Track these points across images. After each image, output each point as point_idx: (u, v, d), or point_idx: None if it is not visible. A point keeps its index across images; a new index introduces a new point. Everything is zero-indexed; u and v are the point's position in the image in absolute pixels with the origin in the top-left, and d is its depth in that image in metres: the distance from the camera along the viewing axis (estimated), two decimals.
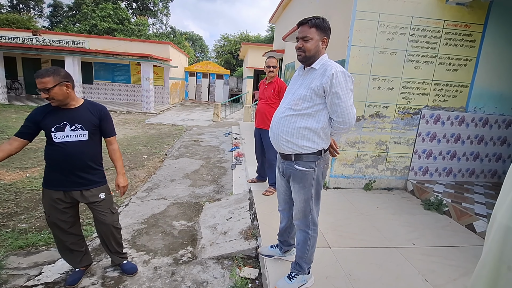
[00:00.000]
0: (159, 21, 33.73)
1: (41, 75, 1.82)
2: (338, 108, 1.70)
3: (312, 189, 1.84)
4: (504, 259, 1.21)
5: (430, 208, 3.52)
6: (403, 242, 2.77)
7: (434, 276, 2.27)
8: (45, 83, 1.82)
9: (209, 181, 4.78)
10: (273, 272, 2.21)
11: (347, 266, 2.33)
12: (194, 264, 2.56)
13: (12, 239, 2.80)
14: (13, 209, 3.45)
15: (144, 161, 5.72)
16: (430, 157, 4.08)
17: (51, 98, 1.88)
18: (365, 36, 3.59)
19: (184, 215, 3.52)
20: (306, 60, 1.79)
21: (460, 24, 3.65)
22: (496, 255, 1.25)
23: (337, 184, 4.06)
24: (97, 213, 2.15)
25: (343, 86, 1.66)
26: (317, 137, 1.77)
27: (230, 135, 8.89)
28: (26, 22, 24.70)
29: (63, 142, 1.94)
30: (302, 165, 1.81)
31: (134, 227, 3.16)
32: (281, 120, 1.83)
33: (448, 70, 3.80)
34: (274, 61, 3.53)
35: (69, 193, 2.02)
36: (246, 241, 2.77)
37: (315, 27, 1.72)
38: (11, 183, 4.18)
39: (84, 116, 2.03)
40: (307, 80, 1.78)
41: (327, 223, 3.02)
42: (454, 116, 3.97)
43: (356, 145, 3.95)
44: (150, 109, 13.07)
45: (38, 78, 1.82)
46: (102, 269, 2.44)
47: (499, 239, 1.24)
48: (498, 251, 1.24)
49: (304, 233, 1.95)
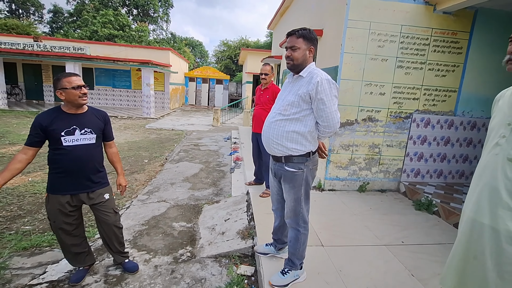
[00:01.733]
0: (159, 27, 34.08)
1: (75, 75, 2.10)
2: (323, 113, 1.84)
3: (301, 189, 1.97)
4: (471, 249, 1.34)
5: (420, 208, 3.65)
6: (393, 241, 2.89)
7: (419, 271, 2.40)
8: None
9: (208, 184, 4.91)
10: (267, 269, 2.33)
11: (338, 263, 2.45)
12: (193, 262, 2.68)
13: (16, 241, 2.91)
14: (16, 212, 3.57)
15: (145, 165, 5.84)
16: (421, 159, 4.22)
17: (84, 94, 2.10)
18: (357, 44, 3.74)
19: (184, 217, 3.64)
20: (295, 68, 1.93)
21: (447, 32, 3.82)
22: (464, 246, 1.38)
23: (332, 186, 4.18)
24: (101, 213, 2.27)
25: (327, 92, 1.80)
26: (305, 140, 1.90)
27: (229, 140, 9.02)
28: (26, 28, 24.92)
29: (72, 146, 2.07)
30: (292, 167, 1.94)
31: (135, 228, 3.28)
32: (271, 124, 1.97)
33: (437, 75, 3.96)
34: (267, 69, 3.68)
35: (77, 196, 2.15)
36: (243, 240, 2.89)
37: (302, 38, 1.87)
38: (13, 187, 4.30)
39: (92, 121, 2.19)
40: (295, 87, 1.92)
41: (320, 223, 3.14)
42: (444, 119, 4.11)
43: (350, 148, 4.08)
44: (150, 114, 13.22)
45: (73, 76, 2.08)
46: (104, 268, 2.55)
47: (466, 231, 1.37)
48: (466, 242, 1.37)
49: (295, 231, 2.07)
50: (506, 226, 1.21)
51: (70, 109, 2.11)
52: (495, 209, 1.25)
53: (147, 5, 30.92)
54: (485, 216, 1.28)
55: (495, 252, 1.24)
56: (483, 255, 1.28)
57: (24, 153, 2.03)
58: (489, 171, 1.30)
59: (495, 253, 1.24)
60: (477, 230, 1.32)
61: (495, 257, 1.24)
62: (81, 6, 28.60)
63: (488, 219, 1.27)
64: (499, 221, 1.24)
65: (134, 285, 2.33)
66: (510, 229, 1.20)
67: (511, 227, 1.20)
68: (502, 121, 1.32)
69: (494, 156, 1.30)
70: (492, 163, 1.30)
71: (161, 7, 32.80)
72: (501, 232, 1.22)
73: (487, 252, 1.26)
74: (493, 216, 1.25)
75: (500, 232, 1.23)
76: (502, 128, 1.31)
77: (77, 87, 2.05)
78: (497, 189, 1.25)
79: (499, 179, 1.25)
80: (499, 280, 1.23)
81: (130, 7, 31.40)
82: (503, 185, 1.23)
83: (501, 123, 1.32)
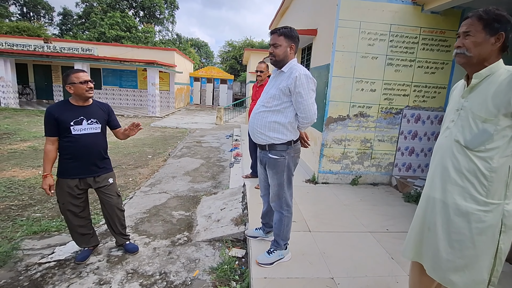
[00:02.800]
0: (165, 29, 34.58)
1: (82, 71, 2.35)
2: (301, 106, 2.02)
3: (284, 175, 2.16)
4: (426, 222, 1.52)
5: (409, 200, 3.80)
6: (378, 228, 3.05)
7: (399, 255, 2.55)
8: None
9: (207, 178, 5.12)
10: (256, 250, 2.52)
11: (323, 246, 2.63)
12: (189, 245, 2.89)
13: (27, 226, 3.16)
14: (27, 201, 3.82)
15: (149, 160, 6.08)
16: (412, 154, 4.36)
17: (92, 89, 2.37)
18: (348, 42, 3.91)
19: (183, 207, 3.86)
20: (277, 64, 2.12)
21: (436, 30, 3.96)
22: (420, 219, 1.55)
23: (325, 179, 4.35)
24: (105, 196, 2.50)
25: (305, 86, 1.98)
26: (286, 129, 2.09)
27: (231, 137, 9.23)
28: (36, 30, 25.53)
29: (80, 134, 2.31)
30: (274, 154, 2.13)
31: (137, 216, 3.51)
32: (256, 115, 2.16)
33: (426, 73, 4.10)
34: (262, 66, 3.88)
35: (84, 180, 2.39)
36: (236, 226, 3.08)
37: (283, 36, 2.05)
38: (24, 179, 4.57)
39: (97, 112, 2.44)
40: (277, 81, 2.11)
41: (310, 211, 3.32)
42: (434, 115, 4.25)
43: (343, 142, 4.25)
44: (155, 113, 13.53)
45: (81, 72, 2.32)
46: (107, 250, 2.77)
47: (422, 205, 1.55)
48: (422, 216, 1.54)
49: (279, 213, 2.26)
50: (454, 199, 1.38)
51: (78, 101, 2.36)
52: (445, 185, 1.42)
53: (153, 7, 31.40)
54: (437, 191, 1.46)
55: (445, 223, 1.41)
56: (435, 226, 1.45)
57: (51, 143, 2.29)
58: (441, 152, 1.48)
59: (445, 223, 1.41)
60: (431, 204, 1.49)
61: (445, 227, 1.41)
62: (89, 9, 29.21)
63: (439, 193, 1.44)
64: (448, 195, 1.41)
65: (133, 264, 2.55)
66: (457, 202, 1.37)
67: (457, 201, 1.37)
68: (453, 108, 1.49)
69: (444, 139, 1.47)
70: (443, 145, 1.47)
71: (167, 9, 33.28)
72: (450, 205, 1.40)
73: (439, 224, 1.44)
74: (443, 191, 1.43)
75: (448, 205, 1.40)
76: (451, 114, 1.48)
77: (84, 81, 2.29)
78: (446, 167, 1.42)
79: (448, 158, 1.42)
80: (449, 249, 1.40)
81: (137, 9, 31.93)
82: (451, 163, 1.40)
83: (452, 109, 1.49)
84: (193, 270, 2.49)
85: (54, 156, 2.32)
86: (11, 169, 4.95)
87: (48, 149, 2.28)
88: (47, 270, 2.43)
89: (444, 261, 1.40)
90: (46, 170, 2.29)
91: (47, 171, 2.29)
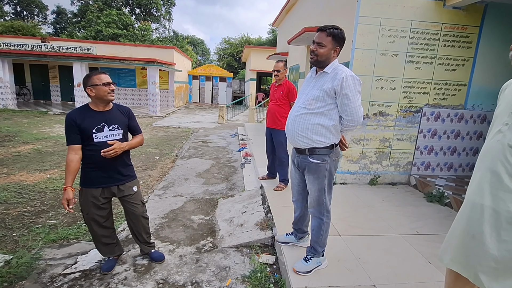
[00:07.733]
0: (162, 26, 34.21)
1: (103, 73, 2.21)
2: (347, 108, 1.93)
3: (325, 180, 2.07)
4: (469, 229, 1.43)
5: (432, 200, 3.73)
6: (408, 230, 2.98)
7: (436, 259, 2.48)
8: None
9: (221, 179, 5.02)
10: (290, 257, 2.43)
11: (356, 251, 2.55)
12: (216, 252, 2.79)
13: (45, 234, 3.04)
14: (40, 207, 3.69)
15: (156, 162, 5.96)
16: (431, 152, 4.30)
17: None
18: (367, 40, 3.82)
19: (201, 210, 3.76)
20: (317, 64, 2.02)
21: (457, 26, 3.88)
22: (463, 226, 1.47)
23: (344, 180, 4.28)
24: (130, 205, 2.38)
25: (352, 88, 1.89)
26: (329, 132, 2.00)
27: (236, 136, 9.12)
28: (31, 29, 25.14)
29: (102, 142, 2.17)
30: (316, 158, 2.04)
31: (156, 221, 3.40)
32: (296, 118, 2.06)
33: (447, 70, 4.02)
34: (279, 65, 3.78)
35: (108, 188, 2.27)
36: (262, 231, 2.99)
37: (331, 37, 1.94)
38: (33, 184, 4.43)
39: (118, 117, 2.29)
40: (319, 82, 2.01)
41: (335, 214, 3.21)
42: (454, 113, 4.18)
43: (361, 142, 4.17)
44: (156, 113, 13.35)
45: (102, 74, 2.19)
46: (132, 258, 2.67)
47: (466, 212, 1.46)
48: (465, 223, 1.46)
49: (318, 220, 2.17)
50: (507, 207, 1.30)
51: (98, 106, 2.21)
52: (496, 192, 1.33)
53: (150, 4, 31.00)
54: (486, 198, 1.37)
55: (495, 231, 1.33)
56: (483, 234, 1.37)
57: (74, 152, 2.13)
58: (491, 157, 1.38)
59: (495, 232, 1.33)
60: (477, 211, 1.40)
61: (495, 236, 1.33)
62: (85, 7, 28.76)
63: (489, 201, 1.36)
64: (499, 202, 1.32)
65: (162, 274, 2.45)
66: (510, 209, 1.29)
67: (511, 208, 1.29)
68: (506, 109, 1.39)
69: (496, 143, 1.37)
70: (494, 149, 1.37)
71: (163, 6, 32.88)
72: (501, 213, 1.31)
73: (487, 232, 1.35)
74: (494, 198, 1.34)
75: (500, 213, 1.32)
76: (505, 116, 1.38)
77: (107, 83, 2.15)
78: (498, 173, 1.33)
79: (499, 164, 1.33)
80: (499, 258, 1.33)
81: (133, 7, 31.50)
82: (504, 169, 1.31)
83: (505, 111, 1.39)
84: (226, 279, 2.40)
85: (77, 167, 2.15)
86: (18, 173, 4.81)
87: (71, 159, 2.11)
88: (73, 282, 2.33)
89: (492, 269, 1.33)
90: (67, 182, 2.11)
91: (68, 183, 2.10)
